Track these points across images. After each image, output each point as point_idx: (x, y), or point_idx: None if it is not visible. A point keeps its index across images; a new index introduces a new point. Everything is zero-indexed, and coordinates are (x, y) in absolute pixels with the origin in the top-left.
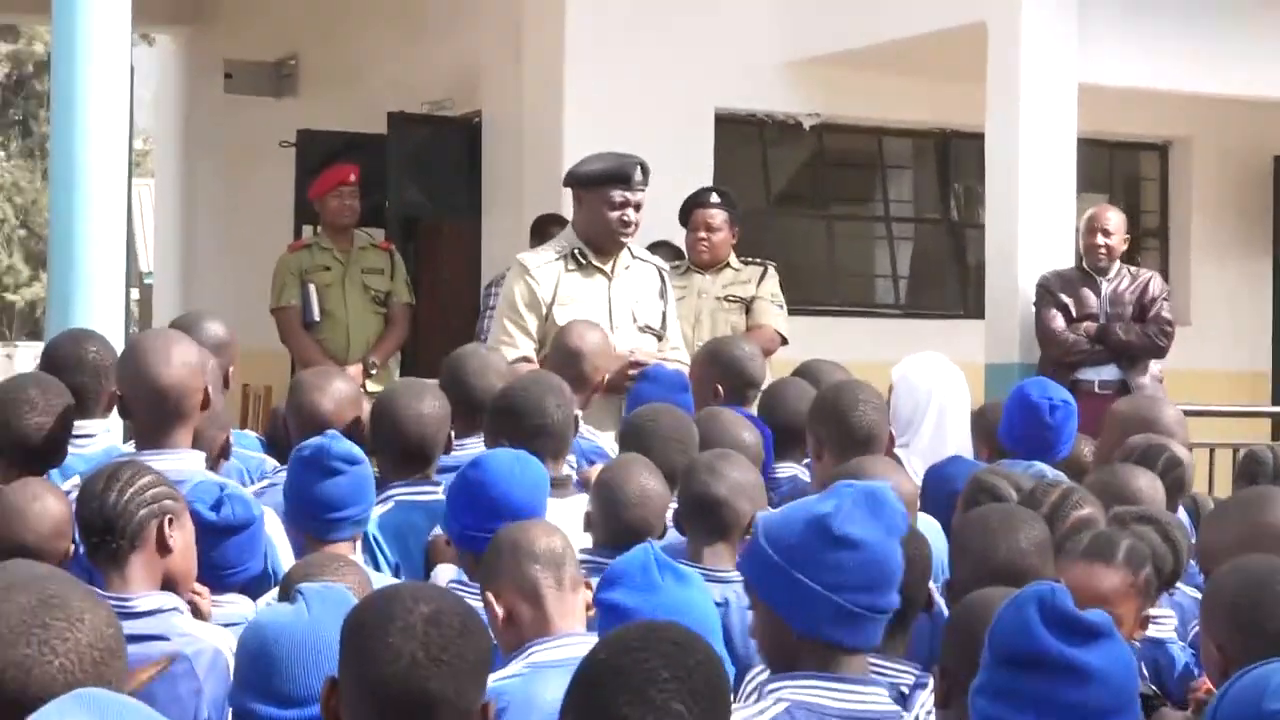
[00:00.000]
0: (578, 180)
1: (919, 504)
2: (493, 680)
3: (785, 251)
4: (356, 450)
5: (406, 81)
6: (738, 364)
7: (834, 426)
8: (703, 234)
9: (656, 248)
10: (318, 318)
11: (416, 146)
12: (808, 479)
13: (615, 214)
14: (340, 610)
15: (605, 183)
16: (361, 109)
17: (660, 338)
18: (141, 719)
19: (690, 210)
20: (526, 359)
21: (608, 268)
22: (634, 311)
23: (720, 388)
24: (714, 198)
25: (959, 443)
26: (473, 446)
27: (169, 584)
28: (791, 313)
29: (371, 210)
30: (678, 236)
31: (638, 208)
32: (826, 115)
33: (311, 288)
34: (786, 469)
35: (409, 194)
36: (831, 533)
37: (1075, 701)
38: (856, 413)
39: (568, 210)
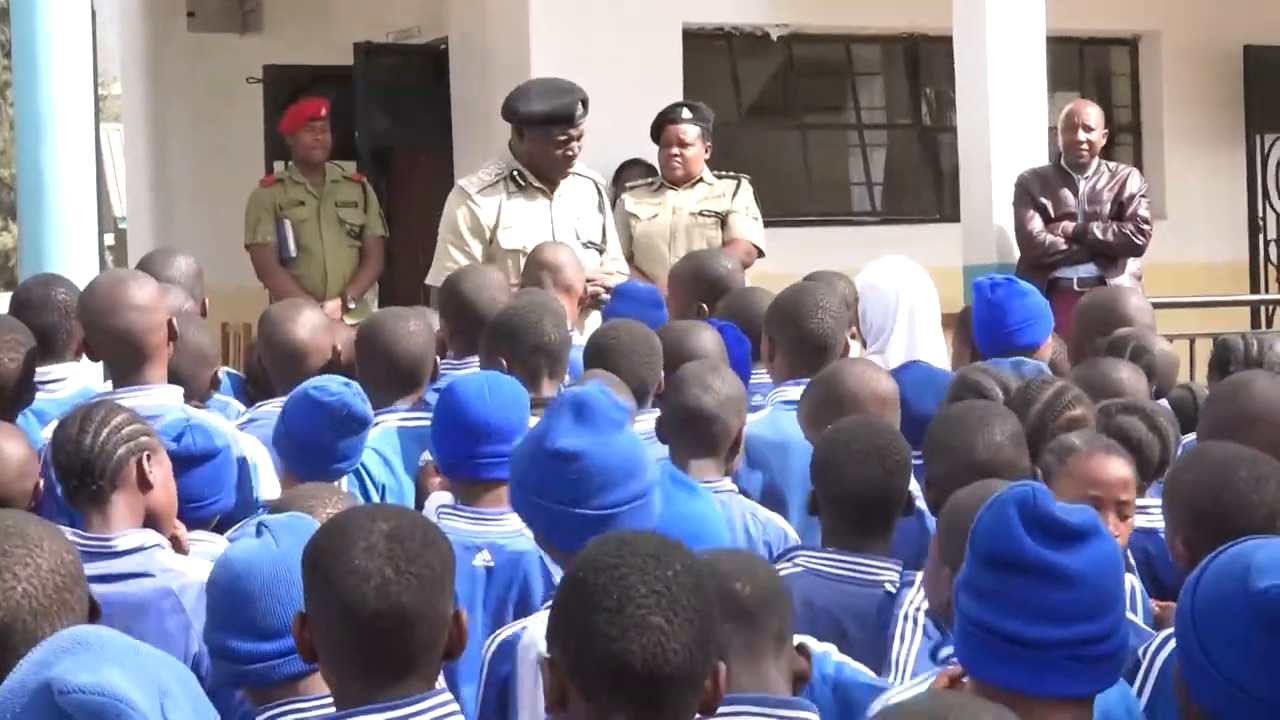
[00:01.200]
0: (518, 119)
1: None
2: None
3: (759, 164)
4: (369, 409)
5: (372, 11)
6: (722, 280)
7: (789, 331)
8: (675, 150)
9: (629, 166)
10: (294, 253)
11: (385, 77)
12: None
13: (559, 151)
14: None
15: (548, 123)
16: (328, 42)
17: (601, 251)
18: (150, 658)
19: (661, 127)
20: None
21: (548, 188)
22: (576, 228)
23: (704, 306)
24: (685, 113)
25: (932, 345)
26: (473, 365)
27: (150, 521)
28: (767, 224)
29: (342, 143)
30: (650, 153)
31: (580, 138)
32: (794, 25)
33: (287, 223)
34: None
35: (379, 125)
36: (546, 451)
37: (1059, 602)
38: (814, 320)
39: None
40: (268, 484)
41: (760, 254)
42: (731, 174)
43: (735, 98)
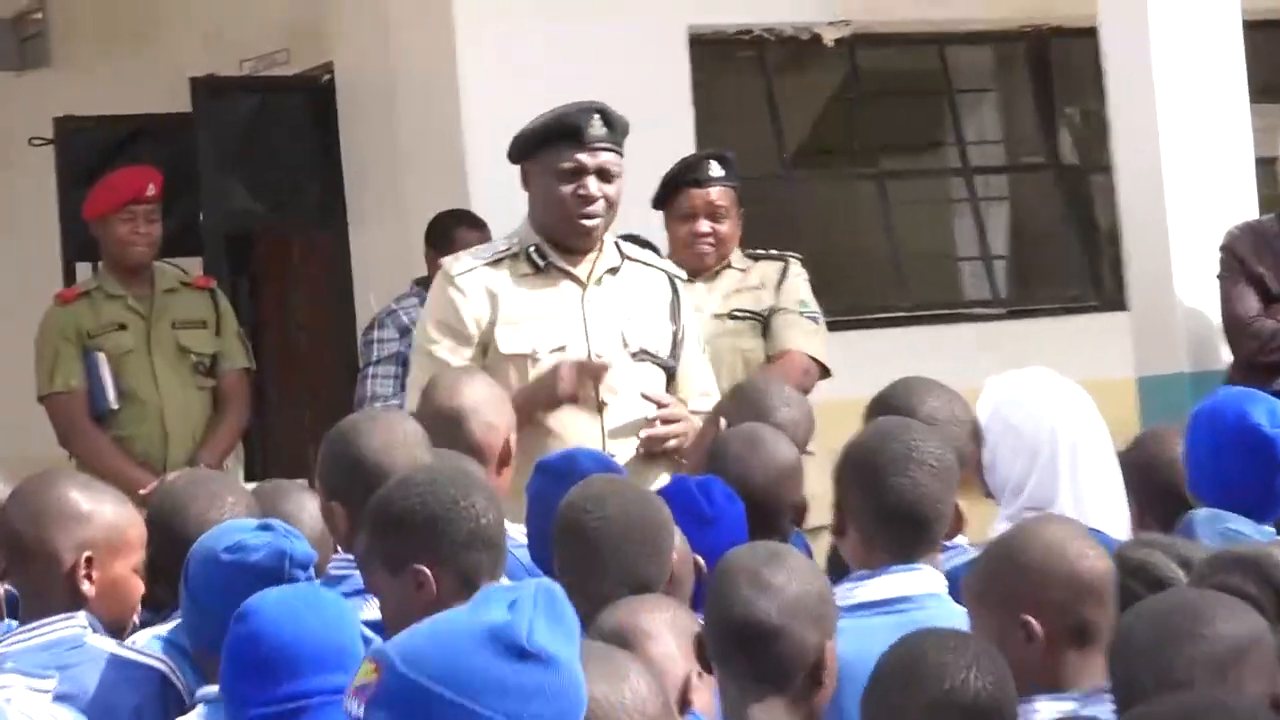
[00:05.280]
0: (517, 149)
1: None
2: None
3: (813, 234)
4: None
5: (216, 30)
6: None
7: (866, 493)
8: (703, 224)
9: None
10: (114, 404)
11: (240, 127)
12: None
13: (568, 187)
14: None
15: (547, 143)
16: (151, 77)
17: (668, 372)
18: None
19: (675, 189)
20: None
21: (580, 271)
22: (624, 332)
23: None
24: (714, 168)
25: (1110, 503)
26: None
27: None
28: (832, 326)
29: (179, 231)
30: (649, 226)
31: (606, 176)
32: (860, 22)
33: (100, 358)
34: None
35: (234, 199)
36: (516, 645)
37: None
38: (904, 475)
39: (501, 203)
40: None
41: (824, 372)
42: (774, 252)
43: (774, 134)
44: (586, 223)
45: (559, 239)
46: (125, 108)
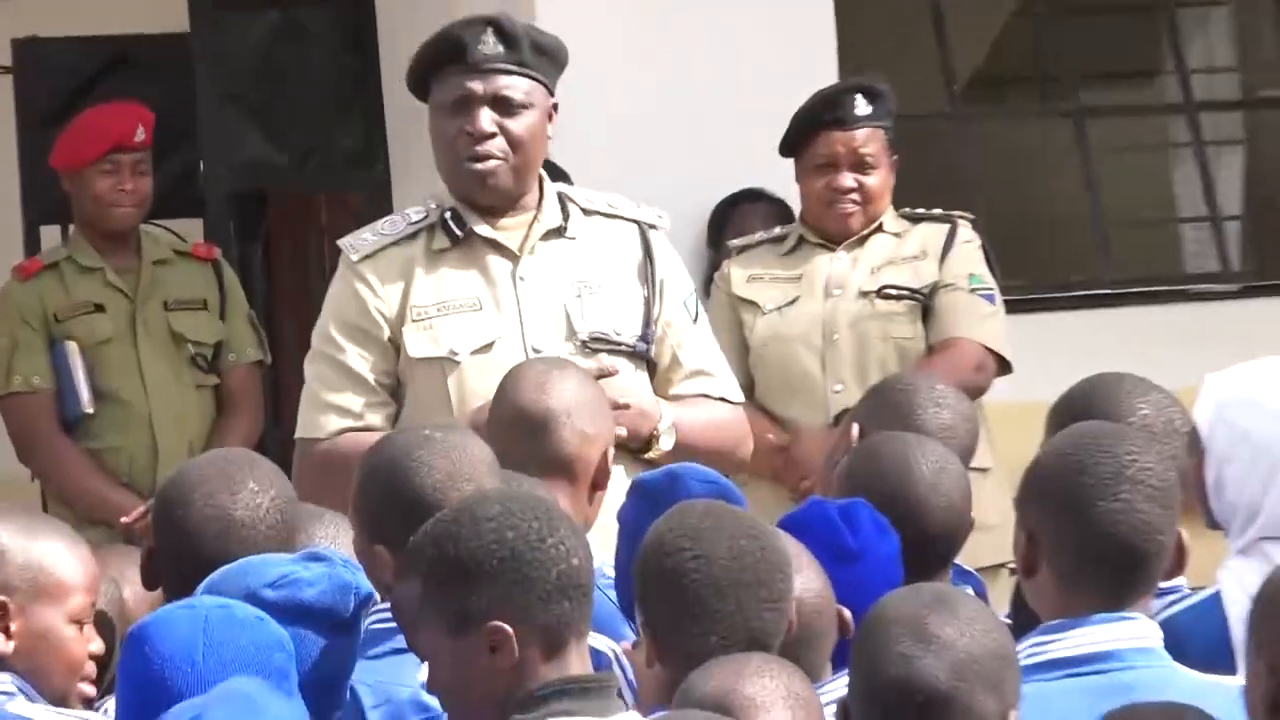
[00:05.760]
0: (409, 81)
1: None
2: None
3: (990, 188)
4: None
5: None
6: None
7: (1063, 521)
8: (844, 176)
9: (736, 206)
10: (88, 407)
11: (251, 52)
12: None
13: (453, 123)
14: None
15: (436, 71)
16: None
17: (641, 360)
18: None
19: (810, 132)
20: (354, 431)
21: (511, 239)
22: (569, 313)
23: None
24: (859, 102)
25: None
26: None
27: None
28: (1013, 308)
29: (174, 186)
30: (777, 179)
31: (505, 106)
32: None
33: (71, 349)
34: None
35: (244, 145)
36: None
37: None
38: (1113, 499)
39: (587, 146)
40: None
41: (1002, 366)
42: (938, 212)
43: (939, 61)
44: (476, 166)
45: (464, 194)
46: (104, 27)
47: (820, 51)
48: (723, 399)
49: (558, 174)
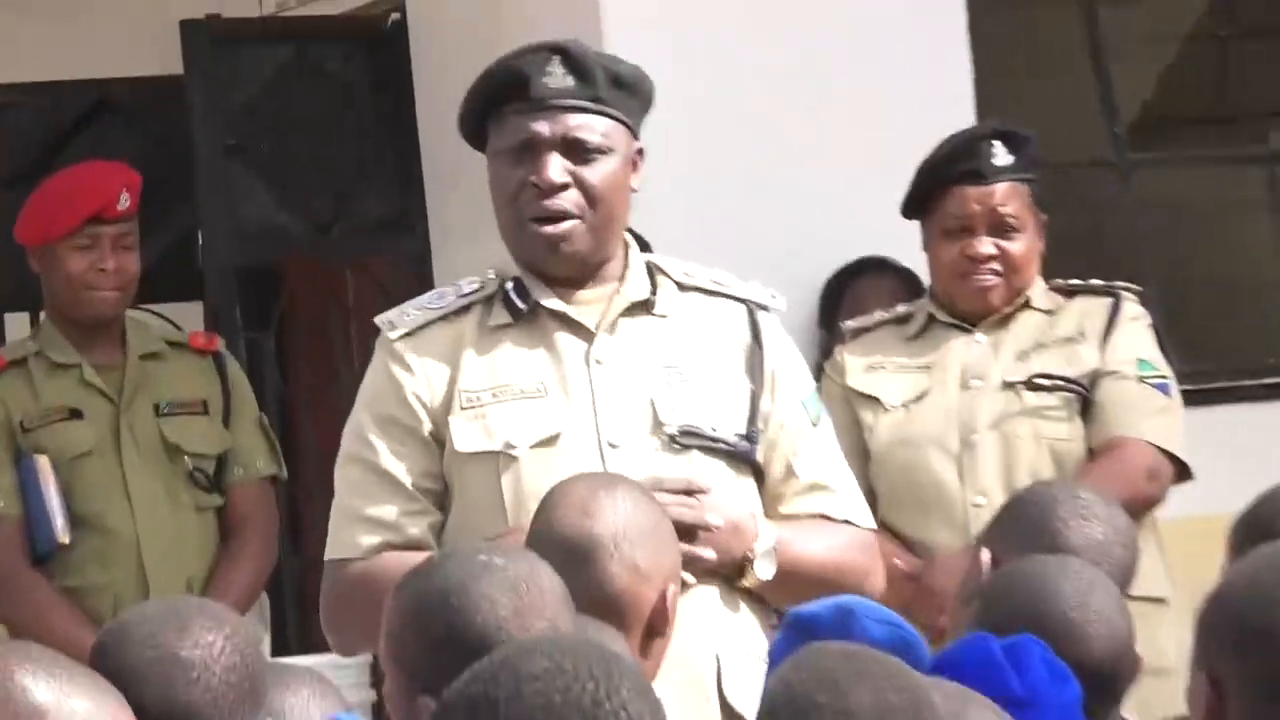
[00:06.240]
0: (461, 125)
1: None
2: None
3: (1162, 252)
4: None
5: None
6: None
7: (1257, 665)
8: (982, 242)
9: (854, 280)
10: (63, 536)
11: (261, 96)
12: None
13: (515, 173)
14: None
15: (493, 109)
16: (121, 18)
17: (744, 462)
18: None
19: (939, 188)
20: (394, 547)
21: (587, 314)
22: (654, 401)
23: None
24: (998, 150)
25: None
26: None
27: None
28: (1191, 400)
29: (167, 262)
30: (902, 245)
31: (579, 151)
32: None
33: (41, 464)
34: None
35: (252, 209)
36: None
37: None
38: None
39: (659, 198)
40: None
41: (1180, 471)
42: (1098, 284)
43: (1098, 97)
44: (546, 230)
45: (530, 262)
46: (82, 69)
47: (953, 90)
48: (847, 521)
49: (638, 243)
